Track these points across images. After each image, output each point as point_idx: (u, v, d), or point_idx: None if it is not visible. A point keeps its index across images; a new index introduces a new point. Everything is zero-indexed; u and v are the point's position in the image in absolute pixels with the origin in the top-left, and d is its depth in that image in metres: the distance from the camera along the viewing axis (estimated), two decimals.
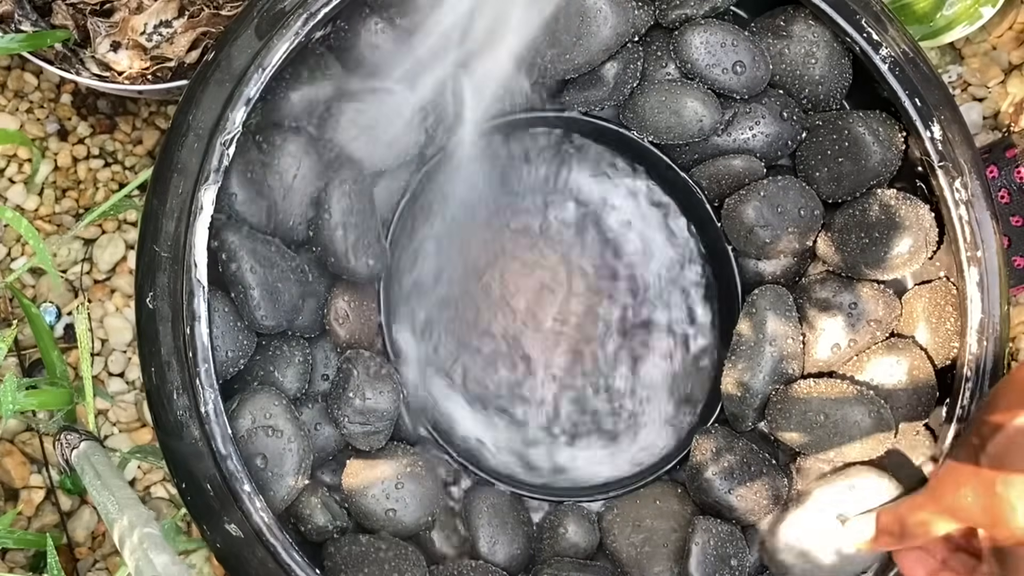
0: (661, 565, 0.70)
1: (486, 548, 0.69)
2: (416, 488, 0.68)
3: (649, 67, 0.74)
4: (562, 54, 0.70)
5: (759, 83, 0.72)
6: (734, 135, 0.73)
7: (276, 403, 0.64)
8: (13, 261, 0.87)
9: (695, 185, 0.76)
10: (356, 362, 0.68)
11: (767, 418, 0.71)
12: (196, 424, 0.60)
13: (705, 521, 0.69)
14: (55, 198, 0.88)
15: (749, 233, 0.73)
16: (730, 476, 0.69)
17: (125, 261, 0.88)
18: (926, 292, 0.71)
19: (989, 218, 0.69)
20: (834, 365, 0.72)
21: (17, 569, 0.81)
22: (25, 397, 0.73)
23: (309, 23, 0.63)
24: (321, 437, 0.68)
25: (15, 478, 0.83)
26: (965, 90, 0.95)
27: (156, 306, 0.61)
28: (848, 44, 0.71)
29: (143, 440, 0.85)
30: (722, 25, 0.71)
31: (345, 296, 0.70)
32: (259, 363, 0.67)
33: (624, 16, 0.70)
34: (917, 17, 0.88)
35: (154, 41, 0.79)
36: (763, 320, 0.72)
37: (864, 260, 0.71)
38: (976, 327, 0.67)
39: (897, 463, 0.69)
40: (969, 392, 0.67)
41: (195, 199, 0.61)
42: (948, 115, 0.69)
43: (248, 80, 0.62)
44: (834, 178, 0.72)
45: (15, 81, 0.89)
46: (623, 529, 0.72)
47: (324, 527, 0.66)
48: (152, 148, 0.90)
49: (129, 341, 0.87)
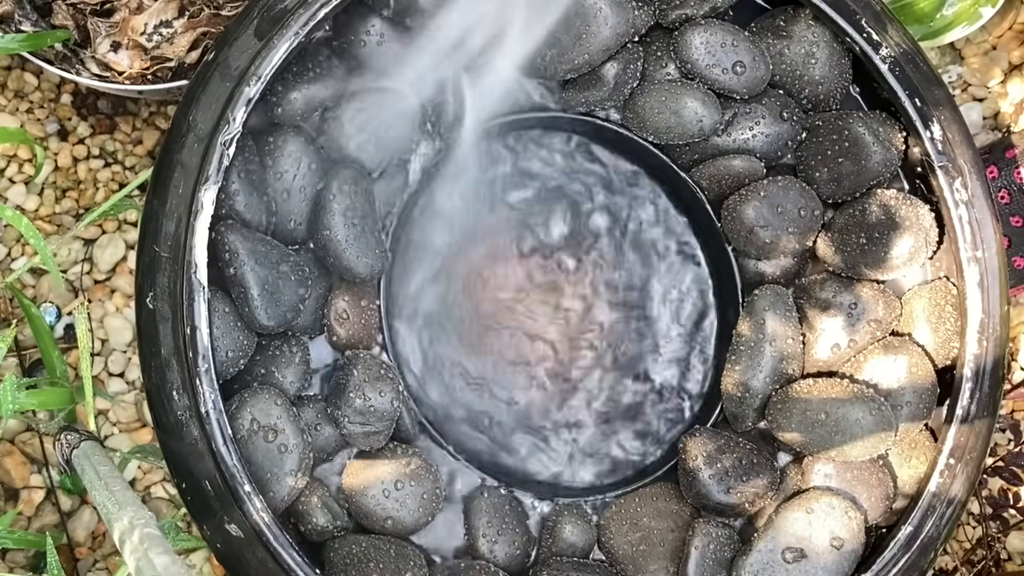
0: (657, 564, 0.70)
1: (486, 548, 0.69)
2: (416, 488, 0.68)
3: (649, 67, 0.74)
4: (562, 54, 0.70)
5: (759, 83, 0.72)
6: (734, 135, 0.73)
7: (276, 403, 0.64)
8: (13, 261, 0.87)
9: (695, 185, 0.76)
10: (356, 362, 0.68)
11: (767, 418, 0.71)
12: (196, 424, 0.60)
13: (704, 525, 0.69)
14: (55, 198, 0.88)
15: (749, 233, 0.73)
16: (724, 474, 0.69)
17: (125, 261, 0.88)
18: (926, 292, 0.71)
19: (989, 218, 0.69)
20: (834, 365, 0.72)
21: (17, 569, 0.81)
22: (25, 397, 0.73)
23: (309, 23, 0.63)
24: (321, 437, 0.67)
25: (15, 478, 0.83)
26: (965, 90, 0.95)
27: (156, 306, 0.61)
28: (848, 44, 0.71)
29: (143, 440, 0.85)
30: (722, 25, 0.71)
31: (345, 296, 0.70)
32: (259, 363, 0.67)
33: (624, 16, 0.70)
34: (917, 17, 0.88)
35: (154, 41, 0.79)
36: (763, 320, 0.72)
37: (864, 260, 0.71)
38: (976, 327, 0.67)
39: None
40: (969, 392, 0.67)
41: (195, 199, 0.61)
42: (948, 115, 0.69)
43: (248, 80, 0.62)
44: (834, 178, 0.72)
45: (15, 81, 0.89)
46: (620, 528, 0.72)
47: (324, 527, 0.66)
48: (152, 148, 0.90)
49: (129, 341, 0.87)
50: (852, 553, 0.67)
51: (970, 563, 0.87)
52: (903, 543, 0.66)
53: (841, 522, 0.67)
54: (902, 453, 0.70)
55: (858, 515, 0.68)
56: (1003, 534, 0.87)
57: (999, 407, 0.69)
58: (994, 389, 0.68)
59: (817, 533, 0.67)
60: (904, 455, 0.70)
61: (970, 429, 0.67)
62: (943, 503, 0.67)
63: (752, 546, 0.68)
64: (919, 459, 0.69)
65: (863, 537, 0.68)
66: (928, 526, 0.66)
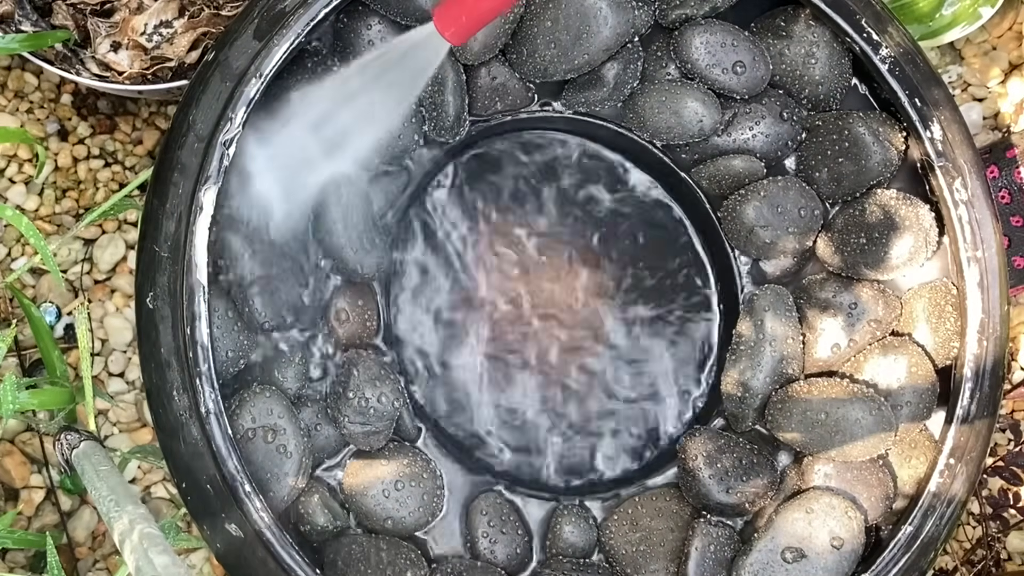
0: (657, 564, 0.70)
1: (486, 548, 0.69)
2: (416, 488, 0.68)
3: (649, 67, 0.74)
4: (562, 54, 0.70)
5: (759, 83, 0.72)
6: (734, 135, 0.73)
7: (276, 403, 0.64)
8: (13, 261, 0.87)
9: (695, 185, 0.76)
10: (356, 362, 0.68)
11: (767, 418, 0.71)
12: (196, 424, 0.60)
13: (704, 525, 0.69)
14: (55, 198, 0.88)
15: (749, 233, 0.73)
16: (724, 474, 0.69)
17: (125, 261, 0.88)
18: (926, 292, 0.71)
19: (989, 218, 0.69)
20: (834, 365, 0.72)
21: (17, 569, 0.81)
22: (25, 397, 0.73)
23: (309, 24, 0.63)
24: (321, 437, 0.67)
25: (15, 478, 0.83)
26: (965, 90, 0.95)
27: (156, 306, 0.61)
28: (848, 44, 0.71)
29: (143, 440, 0.85)
30: (722, 25, 0.71)
31: (345, 296, 0.70)
32: (259, 363, 0.67)
33: (624, 16, 0.70)
34: (916, 17, 0.88)
35: (154, 41, 0.79)
36: (763, 320, 0.72)
37: (864, 260, 0.71)
38: (976, 327, 0.67)
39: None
40: (969, 392, 0.67)
41: (195, 199, 0.61)
42: (948, 115, 0.69)
43: (248, 80, 0.62)
44: (834, 178, 0.72)
45: (15, 81, 0.89)
46: (621, 527, 0.72)
47: (324, 527, 0.66)
48: (152, 148, 0.90)
49: (129, 341, 0.87)
50: (852, 553, 0.67)
51: (970, 563, 0.87)
52: (903, 543, 0.66)
53: (841, 522, 0.67)
54: (902, 453, 0.70)
55: (858, 515, 0.68)
56: (1003, 534, 0.87)
57: (999, 407, 0.69)
58: (994, 389, 0.68)
59: (817, 533, 0.67)
60: (904, 455, 0.70)
61: (970, 429, 0.67)
62: (943, 503, 0.67)
63: (752, 546, 0.68)
64: (919, 459, 0.69)
65: (863, 537, 0.68)
66: (928, 526, 0.66)
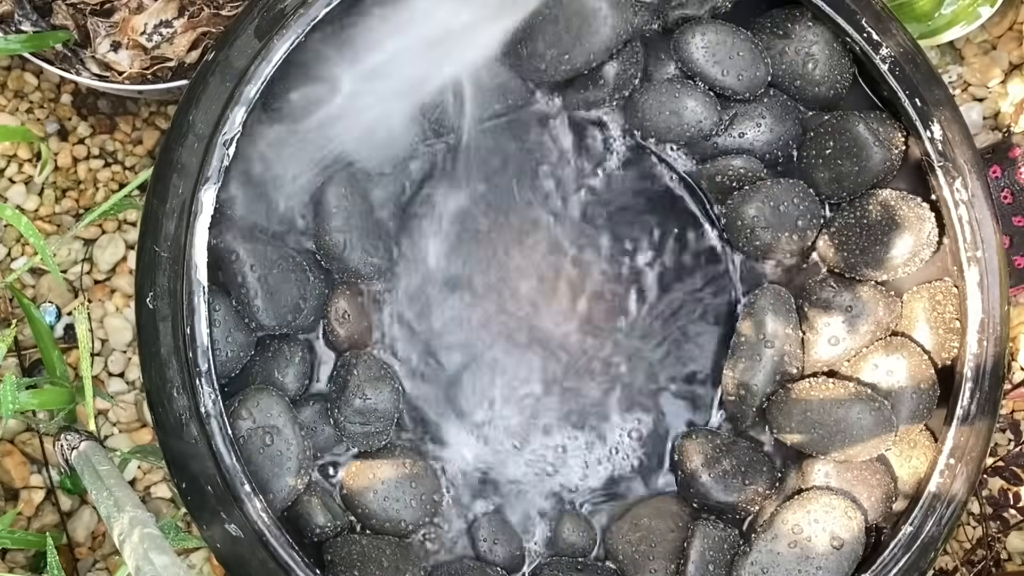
0: (657, 564, 0.70)
1: (486, 548, 0.69)
2: (416, 488, 0.68)
3: (649, 67, 0.74)
4: (562, 54, 0.70)
5: (759, 83, 0.72)
6: (734, 135, 0.73)
7: (276, 403, 0.64)
8: (13, 261, 0.87)
9: (695, 185, 0.76)
10: (356, 362, 0.68)
11: (767, 418, 0.71)
12: (196, 424, 0.60)
13: (704, 525, 0.69)
14: (55, 198, 0.88)
15: (749, 233, 0.73)
16: (724, 474, 0.69)
17: (125, 261, 0.88)
18: (926, 292, 0.71)
19: (989, 218, 0.69)
20: (834, 365, 0.72)
21: (17, 569, 0.81)
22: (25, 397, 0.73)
23: (309, 24, 0.63)
24: (321, 437, 0.68)
25: (15, 478, 0.83)
26: (965, 90, 0.95)
27: (156, 306, 0.61)
28: (848, 44, 0.71)
29: (143, 440, 0.85)
30: (722, 25, 0.71)
31: (345, 296, 0.70)
32: (259, 363, 0.67)
33: (624, 16, 0.70)
34: (915, 16, 0.88)
35: (154, 41, 0.79)
36: (763, 320, 0.72)
37: (864, 260, 0.71)
38: (976, 327, 0.67)
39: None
40: (969, 392, 0.67)
41: (195, 199, 0.61)
42: (948, 115, 0.69)
43: (248, 80, 0.62)
44: (834, 178, 0.72)
45: (15, 81, 0.89)
46: (621, 527, 0.72)
47: (324, 527, 0.66)
48: (152, 148, 0.90)
49: (129, 341, 0.87)
50: (852, 553, 0.67)
51: (970, 563, 0.87)
52: (903, 543, 0.66)
53: (841, 522, 0.67)
54: (902, 453, 0.70)
55: (858, 515, 0.68)
56: (1003, 534, 0.87)
57: (999, 407, 0.69)
58: (994, 389, 0.68)
59: (817, 533, 0.67)
60: (904, 455, 0.70)
61: (970, 429, 0.67)
62: (943, 503, 0.67)
63: (752, 546, 0.68)
64: (919, 459, 0.69)
65: (863, 537, 0.68)
66: (928, 526, 0.66)
